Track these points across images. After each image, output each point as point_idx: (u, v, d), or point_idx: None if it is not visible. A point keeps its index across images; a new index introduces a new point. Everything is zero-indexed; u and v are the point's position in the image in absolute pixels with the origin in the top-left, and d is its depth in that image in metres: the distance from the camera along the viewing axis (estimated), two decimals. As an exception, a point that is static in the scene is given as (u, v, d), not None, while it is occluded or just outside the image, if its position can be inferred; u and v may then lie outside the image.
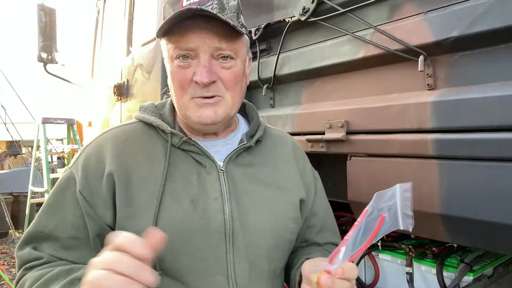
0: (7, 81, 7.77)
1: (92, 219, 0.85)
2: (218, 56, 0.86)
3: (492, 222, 1.01)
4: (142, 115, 0.97)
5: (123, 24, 3.15)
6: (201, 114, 0.88)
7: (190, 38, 0.83)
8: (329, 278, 0.71)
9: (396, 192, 0.77)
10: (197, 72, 0.84)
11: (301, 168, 1.07)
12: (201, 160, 0.92)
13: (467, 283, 1.38)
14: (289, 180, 1.02)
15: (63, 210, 0.86)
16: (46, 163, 5.54)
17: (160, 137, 0.94)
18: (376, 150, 1.29)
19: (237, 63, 0.89)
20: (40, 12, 3.53)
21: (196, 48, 0.84)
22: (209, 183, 0.90)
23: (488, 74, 1.04)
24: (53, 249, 0.85)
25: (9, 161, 11.11)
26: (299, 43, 1.61)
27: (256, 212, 0.92)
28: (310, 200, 1.06)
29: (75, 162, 0.92)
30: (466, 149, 1.03)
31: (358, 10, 1.33)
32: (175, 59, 0.86)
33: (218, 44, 0.84)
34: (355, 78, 1.41)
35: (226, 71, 0.87)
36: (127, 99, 2.95)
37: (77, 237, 0.86)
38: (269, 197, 0.95)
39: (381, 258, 1.65)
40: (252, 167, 0.97)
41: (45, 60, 3.66)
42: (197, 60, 0.85)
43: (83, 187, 0.86)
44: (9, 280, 3.89)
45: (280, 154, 1.05)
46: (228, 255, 0.87)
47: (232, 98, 0.90)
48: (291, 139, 1.14)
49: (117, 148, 0.90)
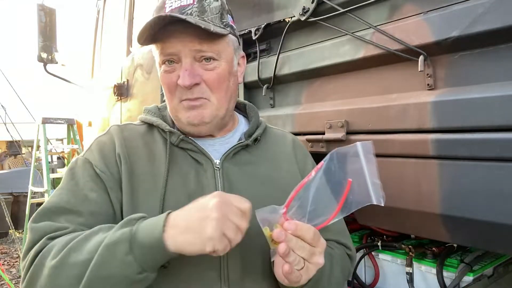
0: (7, 81, 7.77)
1: (115, 195, 0.87)
2: (201, 58, 0.89)
3: (492, 222, 1.01)
4: (145, 117, 1.01)
5: (123, 24, 3.15)
6: (189, 115, 0.92)
7: (172, 43, 0.87)
8: (282, 232, 0.73)
9: (360, 154, 0.73)
10: (180, 75, 0.88)
11: (302, 165, 1.07)
12: (198, 158, 0.94)
13: (467, 283, 1.38)
14: (288, 178, 1.02)
15: (84, 189, 0.86)
16: (46, 163, 5.53)
17: (161, 136, 0.98)
18: (376, 150, 1.28)
19: (220, 63, 0.91)
20: (40, 12, 3.53)
21: (178, 52, 0.88)
22: (206, 180, 0.92)
23: (488, 74, 1.04)
24: (76, 223, 0.82)
25: (9, 161, 11.13)
26: (299, 43, 1.61)
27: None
28: None
29: (87, 151, 0.94)
30: (466, 149, 1.04)
31: (358, 10, 1.34)
32: (162, 64, 0.91)
33: (199, 47, 0.87)
34: (355, 78, 1.41)
35: (209, 72, 0.90)
36: (127, 99, 2.95)
37: (100, 213, 0.85)
38: (266, 194, 0.95)
39: (381, 258, 1.65)
40: (250, 165, 0.99)
41: (45, 60, 3.66)
42: (180, 64, 0.89)
43: (102, 166, 0.89)
44: (9, 280, 3.89)
45: (280, 152, 1.06)
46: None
47: (218, 100, 0.93)
48: (291, 137, 1.14)
49: (123, 141, 0.95)
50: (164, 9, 0.88)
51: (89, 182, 0.87)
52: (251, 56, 1.85)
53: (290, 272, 0.75)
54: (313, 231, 0.76)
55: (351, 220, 1.89)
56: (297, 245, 0.74)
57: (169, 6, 0.88)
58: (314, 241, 0.76)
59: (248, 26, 1.76)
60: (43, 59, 3.64)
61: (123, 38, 3.10)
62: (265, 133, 1.06)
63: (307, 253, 0.76)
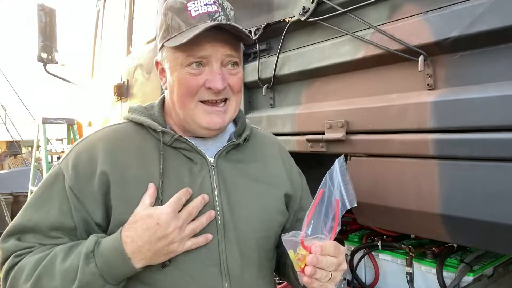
0: (7, 81, 7.76)
1: (79, 215, 0.88)
2: (227, 63, 0.93)
3: (492, 222, 1.01)
4: (132, 116, 1.00)
5: (123, 24, 3.15)
6: (210, 120, 0.94)
7: (203, 46, 0.89)
8: (314, 257, 0.79)
9: (337, 169, 0.86)
10: (211, 79, 0.90)
11: (288, 166, 1.14)
12: (192, 157, 0.96)
13: (467, 283, 1.38)
14: (276, 176, 1.08)
15: (49, 205, 0.89)
16: (46, 163, 5.54)
17: (151, 136, 0.97)
18: (376, 150, 1.29)
19: (240, 69, 0.97)
20: (40, 12, 3.53)
21: (209, 56, 0.90)
22: (200, 178, 0.94)
23: (488, 74, 1.04)
24: (37, 239, 0.89)
25: (9, 161, 11.11)
26: (299, 43, 1.61)
27: (246, 206, 0.97)
28: (298, 195, 1.12)
29: (64, 159, 0.95)
30: (466, 149, 1.04)
31: (358, 10, 1.33)
32: (186, 66, 0.91)
33: (230, 52, 0.92)
34: (355, 78, 1.41)
35: (234, 77, 0.95)
36: (127, 99, 2.95)
37: (60, 229, 0.88)
38: (258, 191, 1.01)
39: (381, 258, 1.65)
40: (241, 163, 1.03)
41: (45, 60, 3.66)
42: (208, 68, 0.91)
43: (73, 183, 0.89)
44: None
45: (267, 152, 1.12)
46: (221, 247, 0.91)
47: (236, 103, 0.98)
48: (276, 140, 1.21)
49: (110, 147, 0.94)
50: (188, 12, 0.89)
51: (57, 197, 0.90)
52: (251, 56, 1.85)
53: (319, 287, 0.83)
54: (334, 245, 0.83)
55: (351, 220, 1.89)
56: (327, 263, 0.81)
57: (195, 10, 0.89)
58: (337, 253, 0.83)
59: (248, 26, 1.75)
60: (43, 59, 3.64)
61: (123, 38, 3.09)
62: (251, 134, 1.10)
63: (334, 266, 0.83)
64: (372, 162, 1.31)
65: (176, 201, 0.86)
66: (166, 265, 0.87)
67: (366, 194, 1.32)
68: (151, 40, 2.57)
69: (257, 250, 0.97)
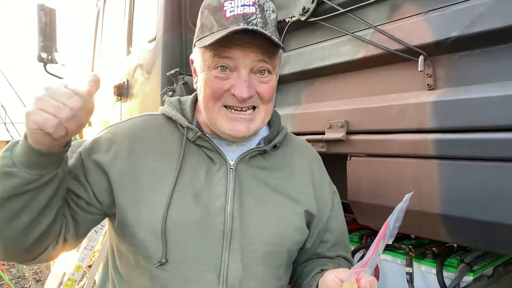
0: (7, 81, 7.77)
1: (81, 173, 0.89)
2: (257, 70, 0.87)
3: (492, 222, 1.01)
4: (165, 109, 1.00)
5: (123, 24, 3.15)
6: (233, 127, 0.88)
7: (231, 49, 0.84)
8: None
9: (403, 203, 0.83)
10: (237, 85, 0.85)
11: (318, 181, 1.05)
12: (213, 156, 0.93)
13: (467, 283, 1.38)
14: (300, 190, 1.00)
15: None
16: (46, 163, 5.52)
17: (178, 130, 0.96)
18: (376, 150, 1.29)
19: (273, 77, 0.90)
20: (40, 12, 3.52)
21: (237, 61, 0.85)
22: (216, 180, 0.91)
23: (488, 74, 1.04)
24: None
25: (9, 161, 11.09)
26: (299, 43, 1.61)
27: (258, 216, 0.91)
28: (325, 215, 1.03)
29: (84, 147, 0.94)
30: (466, 149, 1.04)
31: (358, 10, 1.34)
32: (213, 68, 0.86)
33: (262, 57, 0.85)
34: (355, 78, 1.41)
35: (264, 85, 0.88)
36: (127, 99, 2.95)
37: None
38: (275, 203, 0.94)
39: (381, 258, 1.65)
40: (264, 170, 0.97)
41: (45, 60, 3.65)
42: (236, 73, 0.86)
43: (84, 149, 0.92)
44: (9, 280, 3.89)
45: (297, 163, 1.04)
46: (224, 254, 0.87)
47: (266, 112, 0.92)
48: (311, 151, 1.12)
49: (131, 137, 0.93)
50: (223, 12, 0.84)
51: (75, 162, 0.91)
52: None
53: None
54: (375, 283, 0.80)
55: (351, 220, 1.89)
56: None
57: (230, 10, 0.83)
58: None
59: (248, 26, 1.75)
60: (43, 59, 3.63)
61: (123, 38, 3.09)
62: (284, 140, 1.05)
63: None
64: (372, 162, 1.31)
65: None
66: (163, 262, 0.85)
67: (366, 194, 1.32)
68: (151, 40, 2.57)
69: (263, 264, 0.91)
